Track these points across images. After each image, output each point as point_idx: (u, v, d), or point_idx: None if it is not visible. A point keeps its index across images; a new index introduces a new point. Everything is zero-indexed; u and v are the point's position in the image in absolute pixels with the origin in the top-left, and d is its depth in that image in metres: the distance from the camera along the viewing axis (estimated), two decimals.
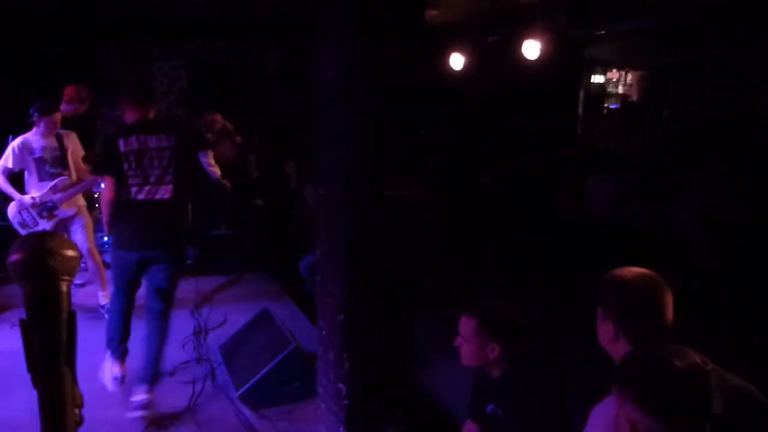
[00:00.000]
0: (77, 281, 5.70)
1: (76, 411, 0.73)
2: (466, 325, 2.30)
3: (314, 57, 3.33)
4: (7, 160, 4.68)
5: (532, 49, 6.21)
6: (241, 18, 6.44)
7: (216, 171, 5.73)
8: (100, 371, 3.61)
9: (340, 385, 3.15)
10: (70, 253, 0.80)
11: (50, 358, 0.73)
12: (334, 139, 3.16)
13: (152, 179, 3.43)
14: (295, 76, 7.48)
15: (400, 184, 3.11)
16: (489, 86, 7.39)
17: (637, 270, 1.71)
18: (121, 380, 3.54)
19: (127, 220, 3.51)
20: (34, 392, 3.16)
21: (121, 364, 3.55)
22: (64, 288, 0.78)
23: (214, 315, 5.00)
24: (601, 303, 1.74)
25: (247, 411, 3.47)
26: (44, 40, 6.35)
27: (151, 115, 3.60)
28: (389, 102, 3.02)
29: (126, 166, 3.40)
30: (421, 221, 3.44)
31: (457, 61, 7.01)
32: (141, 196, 3.43)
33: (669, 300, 1.66)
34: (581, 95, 8.81)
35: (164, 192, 3.45)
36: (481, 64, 7.02)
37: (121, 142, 3.42)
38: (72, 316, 0.75)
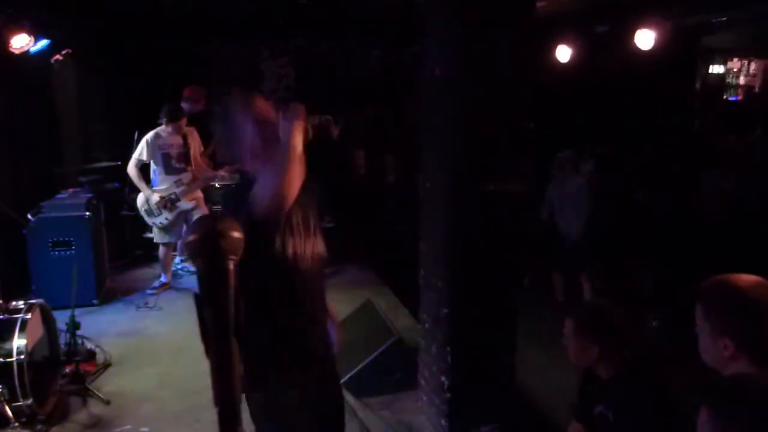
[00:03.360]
0: (191, 269, 6.11)
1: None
2: (568, 324, 2.28)
3: (417, 52, 3.36)
4: (142, 153, 5.20)
5: (645, 38, 5.88)
6: (344, 16, 6.60)
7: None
8: None
9: (443, 378, 3.17)
10: (236, 234, 0.87)
11: (221, 331, 0.80)
12: (439, 133, 3.17)
13: None
14: (395, 71, 7.58)
15: (505, 179, 3.08)
16: (599, 79, 7.09)
17: (755, 279, 1.53)
18: None
19: None
20: (160, 368, 3.42)
21: None
22: (232, 266, 0.84)
23: None
24: (715, 317, 1.54)
25: (349, 398, 3.57)
26: (164, 42, 6.83)
27: None
28: (496, 96, 3.00)
29: None
30: (524, 216, 3.39)
31: (565, 53, 6.76)
32: None
33: None
34: (698, 87, 8.24)
35: None
36: (591, 56, 6.73)
37: None
38: (238, 292, 0.82)
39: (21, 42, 5.27)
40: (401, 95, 7.40)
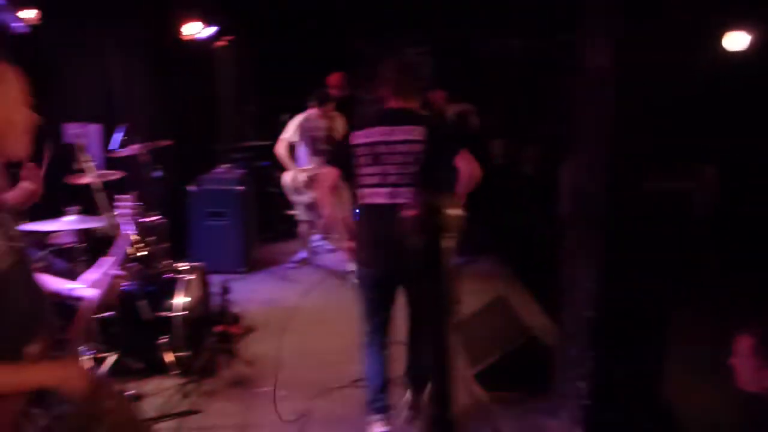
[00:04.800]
0: (329, 247, 6.37)
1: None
2: (743, 342, 2.04)
3: (566, 42, 3.22)
4: (291, 134, 5.51)
5: None
6: (485, 5, 6.51)
7: None
8: None
9: (580, 384, 3.03)
10: (454, 212, 0.88)
11: (437, 308, 0.82)
12: (597, 128, 3.01)
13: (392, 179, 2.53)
14: (538, 61, 7.29)
15: (666, 177, 2.88)
16: None
17: None
18: None
19: (364, 227, 2.85)
20: (297, 337, 3.64)
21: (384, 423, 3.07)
22: (448, 243, 0.85)
23: None
24: None
25: (479, 391, 3.54)
26: (313, 33, 7.17)
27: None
28: (659, 90, 2.79)
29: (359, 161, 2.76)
30: (686, 217, 3.14)
31: (738, 40, 6.01)
32: (379, 200, 2.59)
33: None
34: None
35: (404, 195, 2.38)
36: None
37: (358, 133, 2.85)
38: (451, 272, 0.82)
39: (192, 29, 5.79)
40: (543, 85, 7.11)
